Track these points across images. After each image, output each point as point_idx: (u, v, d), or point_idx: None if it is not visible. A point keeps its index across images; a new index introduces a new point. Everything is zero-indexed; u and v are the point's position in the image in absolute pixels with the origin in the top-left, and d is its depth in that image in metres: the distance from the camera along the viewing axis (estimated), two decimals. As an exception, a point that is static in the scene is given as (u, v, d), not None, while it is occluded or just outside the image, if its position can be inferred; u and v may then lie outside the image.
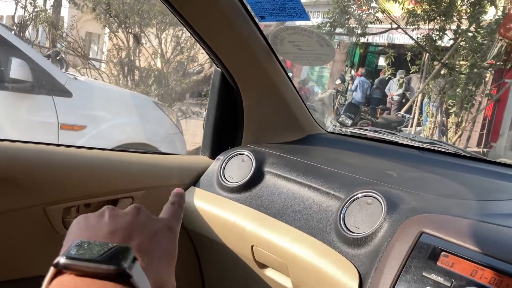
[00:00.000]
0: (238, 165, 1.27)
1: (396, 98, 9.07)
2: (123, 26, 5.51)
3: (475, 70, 6.31)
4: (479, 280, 0.75)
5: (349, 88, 10.09)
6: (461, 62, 6.51)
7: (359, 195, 1.02)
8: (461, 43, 6.31)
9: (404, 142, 1.49)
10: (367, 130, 1.64)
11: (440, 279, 0.78)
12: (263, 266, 1.16)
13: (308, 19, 1.11)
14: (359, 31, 7.15)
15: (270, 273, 1.16)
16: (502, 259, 0.76)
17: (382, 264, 0.86)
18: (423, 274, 0.80)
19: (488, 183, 1.21)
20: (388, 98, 9.36)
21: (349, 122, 6.00)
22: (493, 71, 6.82)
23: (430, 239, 0.83)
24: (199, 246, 1.35)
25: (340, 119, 6.11)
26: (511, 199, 1.05)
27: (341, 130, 1.79)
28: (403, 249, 0.84)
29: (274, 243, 1.07)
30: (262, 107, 1.39)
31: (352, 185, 1.07)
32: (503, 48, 5.14)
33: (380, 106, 8.72)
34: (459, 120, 7.24)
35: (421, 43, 6.55)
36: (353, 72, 11.00)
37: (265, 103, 1.39)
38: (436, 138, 7.30)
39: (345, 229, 0.99)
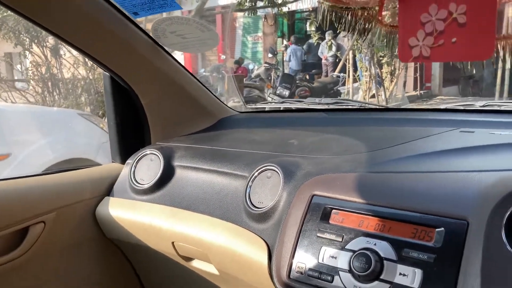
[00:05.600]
0: (147, 165, 1.26)
1: (330, 59, 9.21)
2: (36, 41, 5.26)
3: (397, 18, 6.48)
4: (365, 229, 0.79)
5: (285, 58, 10.14)
6: (383, 13, 6.66)
7: (260, 171, 1.04)
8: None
9: (311, 107, 1.53)
10: (275, 102, 1.67)
11: (333, 236, 0.81)
12: (188, 259, 1.17)
13: (179, 7, 1.10)
14: (279, 1, 7.17)
15: (196, 264, 1.17)
16: (383, 205, 0.80)
17: (283, 233, 0.89)
18: (318, 235, 0.83)
19: (388, 131, 1.26)
20: (323, 61, 9.49)
21: (287, 92, 6.06)
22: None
23: (321, 200, 0.87)
24: (127, 251, 1.34)
25: (278, 92, 6.15)
26: (402, 143, 1.09)
27: (252, 108, 1.80)
28: (298, 214, 0.87)
29: (191, 235, 1.08)
30: (163, 102, 1.38)
31: (255, 162, 1.09)
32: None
33: (313, 70, 8.82)
34: (392, 68, 7.47)
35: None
36: (285, 42, 11.05)
37: (164, 98, 1.37)
38: (374, 91, 7.54)
39: (251, 206, 1.01)
